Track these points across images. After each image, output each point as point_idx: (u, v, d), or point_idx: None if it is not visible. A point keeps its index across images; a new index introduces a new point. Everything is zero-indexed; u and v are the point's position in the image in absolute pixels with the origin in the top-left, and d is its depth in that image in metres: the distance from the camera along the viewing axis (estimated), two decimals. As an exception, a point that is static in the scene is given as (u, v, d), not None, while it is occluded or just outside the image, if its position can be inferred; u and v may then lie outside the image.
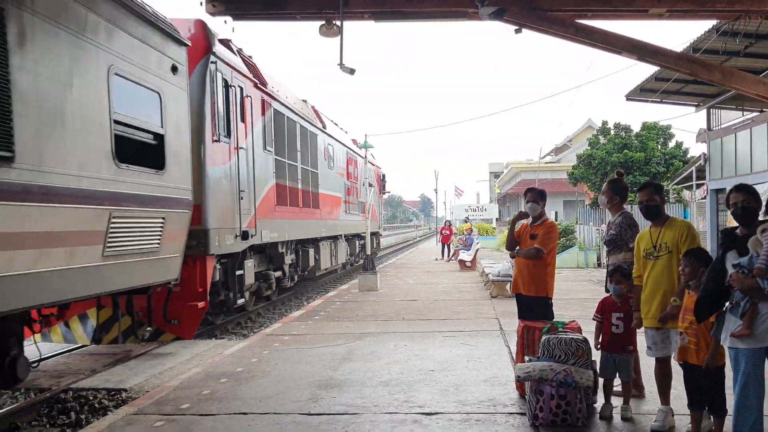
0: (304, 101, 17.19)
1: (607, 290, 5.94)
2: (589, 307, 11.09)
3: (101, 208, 7.02)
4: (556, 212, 38.39)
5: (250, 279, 12.34)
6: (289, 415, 5.72)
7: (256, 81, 12.69)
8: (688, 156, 31.42)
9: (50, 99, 6.23)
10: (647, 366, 5.93)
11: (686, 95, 17.04)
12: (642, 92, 16.78)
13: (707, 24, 11.29)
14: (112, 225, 7.22)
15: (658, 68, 12.83)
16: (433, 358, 7.87)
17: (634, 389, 5.76)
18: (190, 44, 9.54)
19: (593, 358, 5.55)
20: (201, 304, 9.90)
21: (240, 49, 12.63)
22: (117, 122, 7.42)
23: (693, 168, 22.81)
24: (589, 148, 34.53)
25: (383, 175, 31.91)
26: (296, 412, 5.80)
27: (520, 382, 5.82)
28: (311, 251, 16.96)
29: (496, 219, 55.84)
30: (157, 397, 6.43)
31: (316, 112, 17.55)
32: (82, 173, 6.68)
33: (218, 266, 10.78)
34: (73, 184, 6.53)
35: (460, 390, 6.39)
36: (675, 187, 26.93)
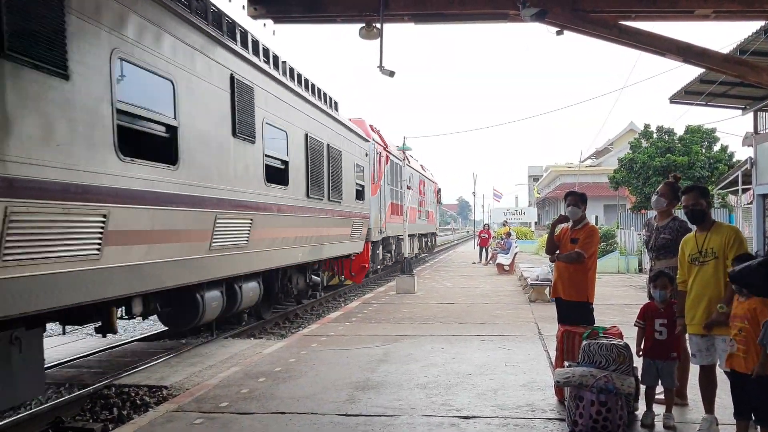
0: (397, 146, 25.70)
1: (649, 297, 5.83)
2: (629, 313, 10.91)
3: (351, 218, 16.20)
4: (597, 216, 37.88)
5: (380, 256, 22.41)
6: (326, 415, 5.75)
7: (384, 146, 22.50)
8: (734, 160, 30.72)
9: (341, 177, 15.25)
10: (693, 375, 5.83)
11: (732, 98, 16.63)
12: (686, 95, 16.43)
13: (755, 25, 11.01)
14: (353, 225, 16.55)
15: (704, 70, 12.57)
16: (471, 362, 7.82)
17: (677, 397, 5.64)
18: (371, 141, 19.68)
19: (634, 365, 5.45)
20: (367, 265, 19.51)
21: (375, 127, 22.36)
22: (356, 183, 17.07)
23: (739, 172, 22.25)
24: (630, 151, 34.01)
25: (439, 189, 41.89)
26: (333, 412, 5.82)
27: (559, 388, 5.75)
28: (401, 243, 25.83)
29: (535, 223, 55.32)
30: (197, 395, 6.52)
31: (404, 152, 25.68)
32: (348, 204, 15.88)
33: (371, 247, 20.16)
34: (348, 209, 15.87)
35: (498, 394, 6.34)
36: (720, 191, 26.31)
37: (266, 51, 11.10)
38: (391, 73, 8.41)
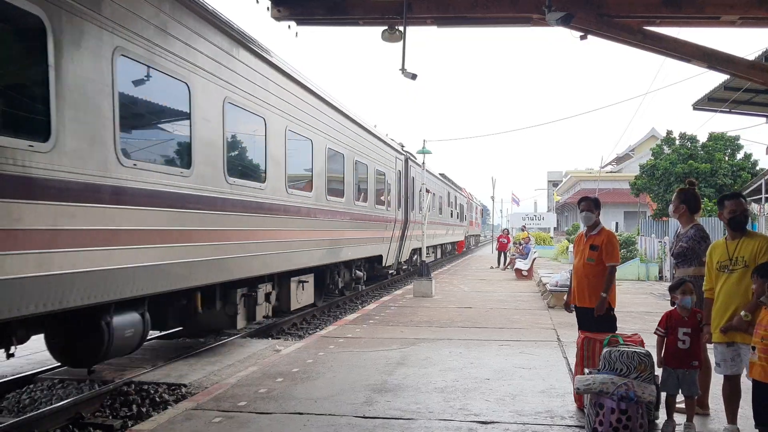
0: (470, 193, 49.54)
1: (672, 304, 5.77)
2: (649, 320, 10.81)
3: (462, 227, 43.43)
4: (617, 223, 37.59)
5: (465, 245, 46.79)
6: (344, 417, 5.75)
7: (468, 195, 49.13)
8: (758, 168, 30.40)
9: (464, 212, 45.21)
10: (714, 384, 5.76)
11: (757, 105, 16.38)
12: (710, 101, 16.21)
13: (782, 31, 10.87)
14: (463, 229, 44.38)
15: (728, 77, 12.43)
16: (489, 367, 7.79)
17: (698, 407, 5.57)
18: (466, 197, 46.57)
19: (656, 373, 5.39)
20: (463, 246, 46.34)
21: (466, 188, 48.37)
22: (465, 214, 45.29)
23: (762, 180, 22.01)
24: (652, 158, 33.77)
25: (482, 209, 68.67)
26: (351, 414, 5.83)
27: (579, 395, 5.71)
28: (470, 238, 53.98)
29: (554, 228, 55.03)
30: (216, 394, 6.56)
31: (470, 195, 48.28)
32: (462, 222, 43.54)
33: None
34: (462, 223, 43.52)
35: (516, 400, 6.31)
36: (743, 200, 25.98)
37: (446, 176, 33.97)
38: (413, 76, 8.42)
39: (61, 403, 7.02)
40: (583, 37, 7.81)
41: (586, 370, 5.62)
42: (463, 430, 5.38)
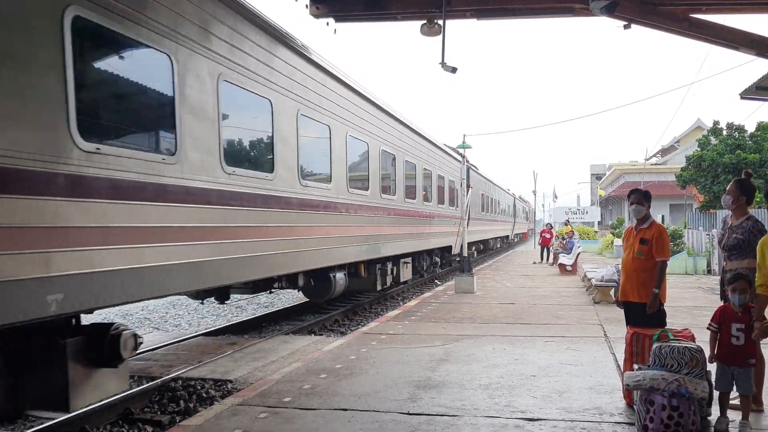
0: (529, 201, 70.87)
1: (722, 298, 5.60)
2: (699, 315, 10.58)
3: (527, 223, 69.51)
4: (663, 216, 36.86)
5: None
6: (388, 413, 5.73)
7: (527, 202, 70.87)
8: (810, 158, 29.39)
9: (528, 214, 72.55)
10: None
11: (809, 93, 15.87)
12: (758, 90, 15.68)
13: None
14: (527, 225, 70.02)
15: (779, 64, 12.04)
16: (534, 363, 7.69)
17: (752, 403, 5.41)
18: (527, 204, 70.51)
19: (708, 369, 5.25)
20: (526, 236, 70.57)
21: (525, 197, 70.34)
22: (527, 216, 69.97)
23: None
24: (698, 149, 33.00)
25: (533, 209, 71.91)
26: (395, 410, 5.81)
27: (628, 391, 5.59)
28: (529, 231, 72.67)
29: (598, 222, 54.21)
30: (261, 390, 6.61)
31: (529, 202, 70.46)
32: (525, 221, 68.77)
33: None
34: (527, 221, 70.25)
35: (563, 397, 6.21)
36: (794, 190, 25.20)
37: (522, 197, 60.45)
38: (453, 70, 8.35)
39: (110, 399, 7.16)
40: (626, 27, 7.64)
41: (636, 366, 5.49)
42: (510, 427, 5.32)
